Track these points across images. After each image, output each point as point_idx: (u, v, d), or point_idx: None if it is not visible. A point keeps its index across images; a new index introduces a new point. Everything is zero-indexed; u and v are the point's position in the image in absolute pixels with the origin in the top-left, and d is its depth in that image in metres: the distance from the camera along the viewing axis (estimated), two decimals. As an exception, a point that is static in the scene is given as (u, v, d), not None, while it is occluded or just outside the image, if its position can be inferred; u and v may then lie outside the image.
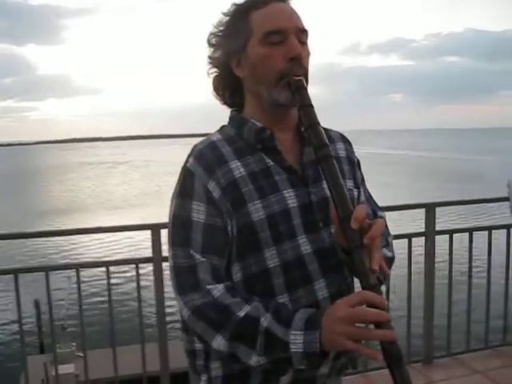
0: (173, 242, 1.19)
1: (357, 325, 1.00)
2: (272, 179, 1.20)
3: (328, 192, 1.16)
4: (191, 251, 1.15)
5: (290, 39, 1.18)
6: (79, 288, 3.05)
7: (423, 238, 3.48)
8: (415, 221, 3.55)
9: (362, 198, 1.36)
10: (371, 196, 1.42)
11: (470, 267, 3.59)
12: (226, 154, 1.20)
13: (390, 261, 1.31)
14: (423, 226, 3.47)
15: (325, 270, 1.19)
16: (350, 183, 1.30)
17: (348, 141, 1.39)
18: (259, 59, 1.20)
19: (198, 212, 1.16)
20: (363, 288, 1.04)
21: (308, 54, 1.23)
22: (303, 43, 1.21)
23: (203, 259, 1.14)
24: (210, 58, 1.30)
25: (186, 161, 1.21)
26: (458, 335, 3.86)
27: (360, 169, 1.39)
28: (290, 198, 1.19)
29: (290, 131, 1.26)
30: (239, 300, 1.11)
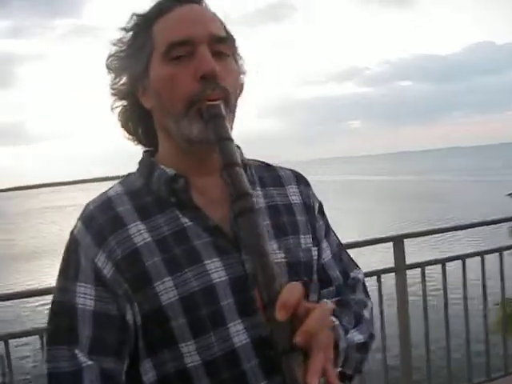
0: (51, 339, 0.89)
1: None
2: (189, 245, 0.90)
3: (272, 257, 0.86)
4: (76, 351, 0.85)
5: (200, 51, 0.89)
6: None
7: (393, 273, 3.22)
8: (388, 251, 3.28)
9: (326, 255, 1.05)
10: (342, 249, 1.11)
11: (446, 303, 3.34)
12: (125, 214, 0.92)
13: (362, 347, 0.97)
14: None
15: (267, 370, 0.88)
16: (305, 240, 1.00)
17: (304, 181, 1.09)
18: (162, 82, 0.91)
19: (85, 297, 0.87)
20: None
21: (230, 69, 0.94)
22: (221, 55, 0.92)
23: (90, 362, 0.84)
24: (112, 88, 1.00)
25: (75, 226, 0.93)
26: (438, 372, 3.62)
27: (323, 215, 1.09)
28: (216, 269, 0.89)
29: (214, 176, 0.93)
30: None
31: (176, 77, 0.90)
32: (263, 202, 1.00)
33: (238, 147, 1.00)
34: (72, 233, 0.94)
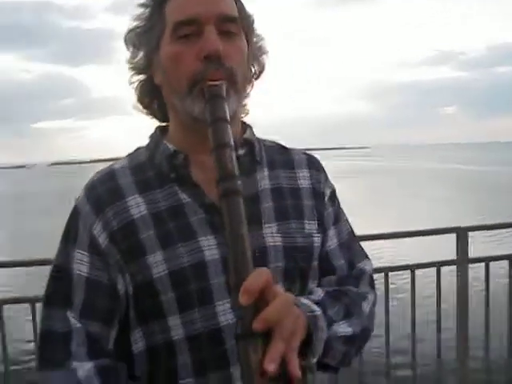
0: (48, 300, 0.93)
1: None
2: (185, 221, 0.91)
3: (268, 239, 0.91)
4: (68, 313, 0.89)
5: (206, 31, 0.88)
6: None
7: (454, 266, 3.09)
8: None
9: (332, 243, 1.02)
10: (354, 239, 1.07)
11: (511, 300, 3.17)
12: (125, 186, 0.94)
13: (348, 339, 0.92)
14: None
15: None
16: (309, 225, 0.98)
17: (317, 166, 1.06)
18: (169, 60, 0.92)
19: (81, 263, 0.91)
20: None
21: (238, 49, 0.92)
22: (230, 34, 0.91)
23: (79, 325, 0.88)
24: (129, 62, 1.01)
25: (79, 194, 0.98)
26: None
27: (334, 202, 1.06)
28: (209, 247, 0.89)
29: None
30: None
31: (181, 55, 0.90)
32: (268, 183, 0.99)
33: (249, 127, 1.03)
34: (76, 200, 0.97)
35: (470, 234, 3.08)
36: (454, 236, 3.01)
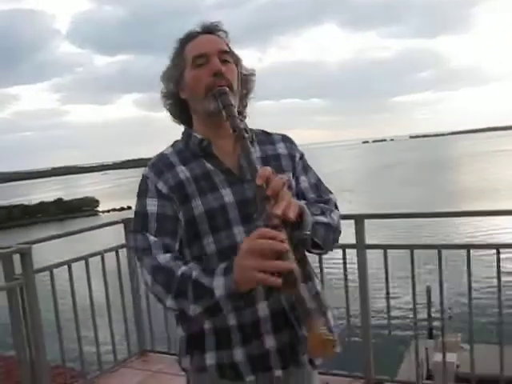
0: (134, 230, 1.40)
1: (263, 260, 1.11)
2: (211, 181, 1.41)
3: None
4: (147, 234, 1.35)
5: (212, 60, 1.43)
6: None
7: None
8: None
9: (304, 185, 1.50)
10: (320, 182, 1.54)
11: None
12: (174, 161, 1.45)
13: (326, 226, 1.37)
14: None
15: None
16: (288, 175, 1.45)
17: (289, 140, 1.56)
18: (191, 80, 1.45)
19: (152, 205, 1.39)
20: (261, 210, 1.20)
21: (232, 70, 1.46)
22: (226, 62, 1.45)
23: (156, 239, 1.35)
24: (162, 92, 1.53)
25: (144, 169, 1.47)
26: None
27: (302, 160, 1.54)
28: (227, 195, 1.38)
29: (228, 139, 1.43)
30: (180, 263, 1.30)
31: (199, 75, 1.43)
32: (259, 154, 1.49)
33: (243, 120, 1.51)
34: (144, 172, 1.45)
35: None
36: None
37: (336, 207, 1.51)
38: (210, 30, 1.49)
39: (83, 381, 3.63)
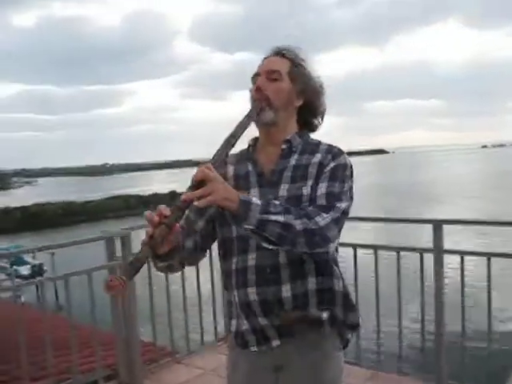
0: None
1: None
2: (248, 180, 1.66)
3: (281, 192, 1.59)
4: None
5: (259, 78, 1.68)
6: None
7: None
8: None
9: (319, 191, 1.57)
10: (331, 195, 1.55)
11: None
12: (230, 161, 1.73)
13: (282, 225, 1.43)
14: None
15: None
16: (305, 183, 1.59)
17: (331, 151, 1.65)
18: (250, 94, 1.70)
19: None
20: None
21: (275, 87, 1.66)
22: (273, 80, 1.66)
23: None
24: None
25: None
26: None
27: (334, 169, 1.60)
28: (254, 195, 1.58)
29: (275, 146, 1.68)
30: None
31: (251, 90, 1.69)
32: (294, 162, 1.65)
33: (301, 133, 1.73)
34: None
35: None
36: None
37: (334, 214, 1.51)
38: (276, 52, 1.71)
39: (171, 358, 3.94)
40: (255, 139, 1.74)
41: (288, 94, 1.67)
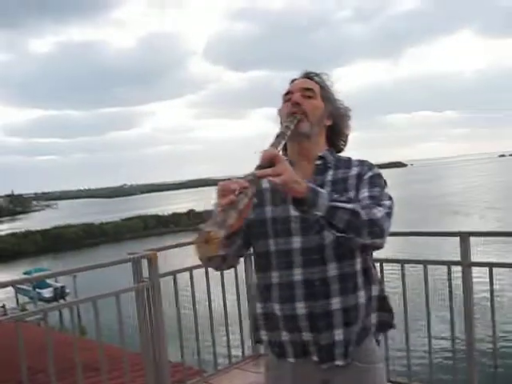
0: None
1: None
2: (279, 194, 1.63)
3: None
4: None
5: (294, 94, 1.74)
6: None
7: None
8: None
9: (361, 195, 1.63)
10: (373, 197, 1.61)
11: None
12: None
13: (351, 212, 1.49)
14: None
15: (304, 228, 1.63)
16: (348, 194, 1.65)
17: (364, 163, 1.74)
18: (280, 112, 1.79)
19: None
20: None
21: (312, 104, 1.73)
22: (309, 97, 1.74)
23: None
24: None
25: None
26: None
27: (371, 177, 1.68)
28: (292, 209, 1.56)
29: (309, 162, 1.73)
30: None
31: (283, 107, 1.76)
32: (330, 178, 1.70)
33: (330, 150, 1.79)
34: None
35: None
36: None
37: (384, 208, 1.56)
38: (306, 75, 1.79)
39: (200, 378, 3.93)
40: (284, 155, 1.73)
41: (322, 112, 1.74)
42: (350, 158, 1.77)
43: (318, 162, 1.72)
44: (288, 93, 1.77)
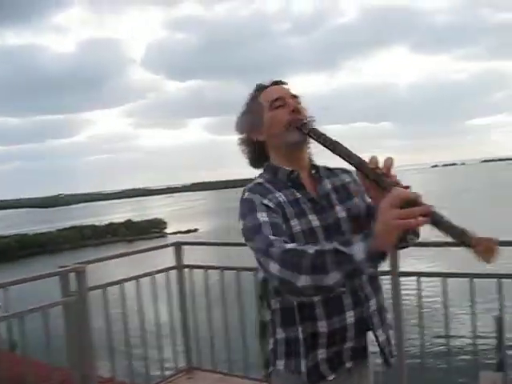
0: (252, 239, 1.52)
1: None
2: (300, 206, 1.62)
3: (340, 214, 1.63)
4: (269, 236, 1.48)
5: (288, 101, 1.68)
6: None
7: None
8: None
9: (368, 201, 1.66)
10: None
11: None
12: (270, 188, 1.64)
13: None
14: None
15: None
16: (353, 202, 1.70)
17: (348, 170, 1.77)
18: (270, 120, 1.68)
19: (263, 217, 1.53)
20: (385, 186, 1.37)
21: (305, 110, 1.70)
22: (298, 103, 1.70)
23: (276, 237, 1.47)
24: (241, 140, 1.77)
25: (242, 196, 1.63)
26: None
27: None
28: (314, 220, 1.60)
29: (305, 171, 1.70)
30: (309, 246, 1.40)
31: (278, 115, 1.65)
32: (330, 186, 1.71)
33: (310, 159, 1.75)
34: (243, 198, 1.60)
35: None
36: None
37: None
38: (278, 82, 1.74)
39: (131, 394, 3.85)
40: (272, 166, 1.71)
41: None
42: (327, 167, 1.78)
43: (313, 172, 1.72)
44: (278, 98, 1.68)
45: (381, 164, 1.41)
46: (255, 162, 1.77)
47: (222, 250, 10.12)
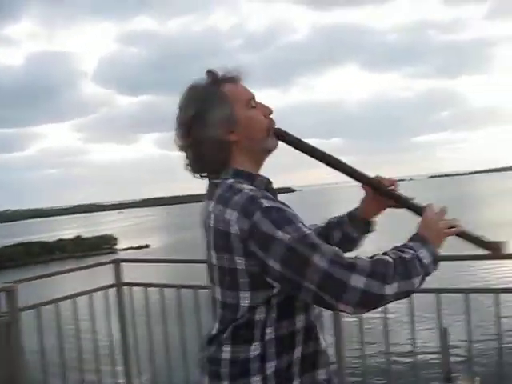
0: (312, 254, 1.31)
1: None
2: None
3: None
4: (333, 247, 1.36)
5: (259, 103, 1.53)
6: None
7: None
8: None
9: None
10: None
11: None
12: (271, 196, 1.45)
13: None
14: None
15: None
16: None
17: None
18: (249, 121, 1.48)
19: (305, 227, 1.38)
20: (398, 199, 1.66)
21: None
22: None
23: (337, 248, 1.38)
24: (209, 137, 1.46)
25: (260, 205, 1.35)
26: None
27: None
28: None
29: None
30: (378, 255, 1.40)
31: (257, 116, 1.50)
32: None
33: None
34: (263, 206, 1.34)
35: None
36: None
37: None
38: (236, 79, 1.52)
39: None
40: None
41: None
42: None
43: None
44: (253, 98, 1.52)
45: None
46: (218, 165, 1.49)
47: (176, 266, 9.96)
